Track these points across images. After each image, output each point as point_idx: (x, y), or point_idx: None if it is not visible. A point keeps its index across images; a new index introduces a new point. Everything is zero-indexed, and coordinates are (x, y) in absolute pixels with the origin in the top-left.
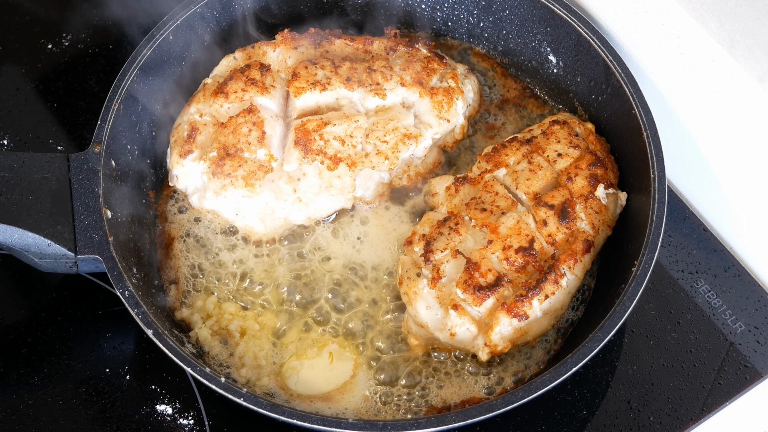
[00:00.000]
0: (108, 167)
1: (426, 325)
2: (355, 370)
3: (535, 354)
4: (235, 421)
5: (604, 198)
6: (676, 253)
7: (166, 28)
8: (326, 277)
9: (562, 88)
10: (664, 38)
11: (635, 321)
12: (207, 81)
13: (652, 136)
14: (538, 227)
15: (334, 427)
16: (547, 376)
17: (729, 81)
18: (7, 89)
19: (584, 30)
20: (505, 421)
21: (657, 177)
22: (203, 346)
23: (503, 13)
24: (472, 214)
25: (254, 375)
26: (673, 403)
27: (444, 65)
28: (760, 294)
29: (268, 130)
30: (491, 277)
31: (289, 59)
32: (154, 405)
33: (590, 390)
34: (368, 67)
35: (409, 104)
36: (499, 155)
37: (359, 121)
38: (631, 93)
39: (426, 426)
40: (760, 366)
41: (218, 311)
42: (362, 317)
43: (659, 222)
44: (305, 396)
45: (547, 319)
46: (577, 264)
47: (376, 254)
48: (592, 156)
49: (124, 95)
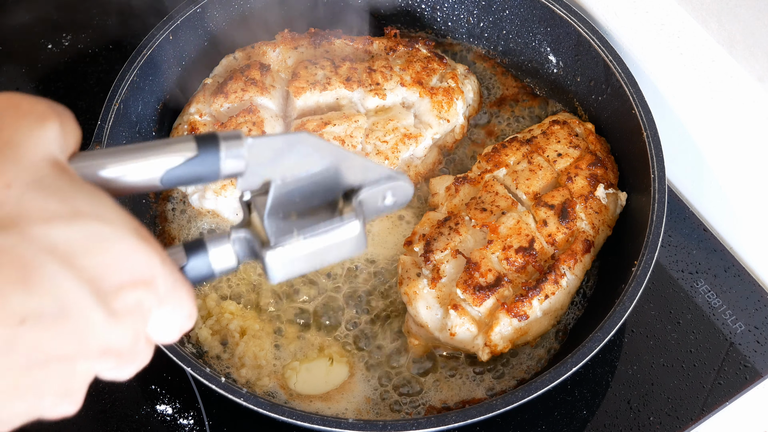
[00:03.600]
0: None
1: (426, 325)
2: (355, 370)
3: (535, 354)
4: (235, 421)
5: (604, 198)
6: (676, 253)
7: (166, 28)
8: (326, 277)
9: (562, 88)
10: (664, 38)
11: (635, 321)
12: (207, 81)
13: (652, 136)
14: (538, 227)
15: (334, 427)
16: (547, 376)
17: (729, 81)
18: (7, 89)
19: (584, 30)
20: (505, 421)
21: (657, 177)
22: (203, 346)
23: (503, 13)
24: (472, 214)
25: (254, 375)
26: (673, 403)
27: (444, 65)
28: (760, 294)
29: (268, 130)
30: (491, 277)
31: (289, 59)
32: (154, 405)
33: (590, 390)
34: (368, 67)
35: (409, 104)
36: (499, 155)
37: (359, 121)
38: (631, 93)
39: (426, 426)
40: (760, 366)
41: (218, 311)
42: (362, 317)
43: (659, 222)
44: (305, 396)
45: (547, 319)
46: (577, 264)
47: (376, 254)
48: (592, 156)
49: (124, 95)
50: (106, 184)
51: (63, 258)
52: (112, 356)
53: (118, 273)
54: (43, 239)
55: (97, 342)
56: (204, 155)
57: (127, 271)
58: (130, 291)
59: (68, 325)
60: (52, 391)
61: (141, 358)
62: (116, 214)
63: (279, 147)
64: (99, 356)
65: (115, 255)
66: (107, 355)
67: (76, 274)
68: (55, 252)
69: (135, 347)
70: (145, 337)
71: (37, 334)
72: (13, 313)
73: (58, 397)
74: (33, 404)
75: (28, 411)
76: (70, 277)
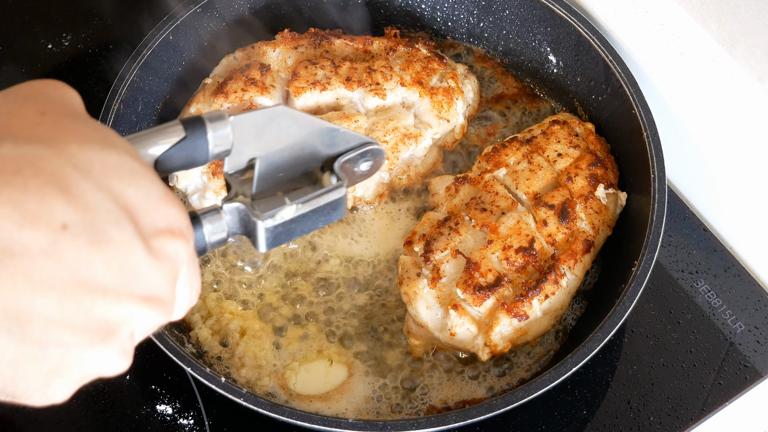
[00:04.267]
0: None
1: (426, 325)
2: (355, 370)
3: (535, 354)
4: (235, 421)
5: (604, 198)
6: (676, 253)
7: (166, 28)
8: (326, 277)
9: (562, 88)
10: (664, 38)
11: (635, 321)
12: (207, 81)
13: (652, 136)
14: (538, 227)
15: (334, 427)
16: (547, 376)
17: (729, 81)
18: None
19: (584, 30)
20: (505, 421)
21: (657, 177)
22: (203, 346)
23: (503, 13)
24: (472, 214)
25: (254, 375)
26: (673, 403)
27: (444, 65)
28: (760, 294)
29: None
30: (491, 277)
31: (289, 59)
32: (154, 405)
33: (590, 390)
34: (368, 67)
35: (409, 104)
36: (499, 155)
37: (359, 121)
38: (631, 93)
39: (426, 426)
40: (760, 366)
41: (218, 311)
42: (362, 317)
43: (659, 222)
44: (305, 396)
45: (547, 319)
46: (577, 264)
47: (376, 254)
48: (592, 156)
49: (124, 95)
50: None
51: (99, 179)
52: (153, 303)
53: (154, 215)
54: (79, 157)
55: (139, 282)
56: (192, 137)
57: (163, 218)
58: (168, 238)
59: (109, 249)
60: (101, 330)
61: (174, 313)
62: (143, 161)
63: (260, 122)
64: (142, 302)
65: (148, 194)
66: (149, 302)
67: (113, 198)
68: (92, 171)
69: (172, 298)
70: (176, 293)
71: (80, 247)
72: (54, 217)
73: (107, 341)
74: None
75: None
76: (107, 198)
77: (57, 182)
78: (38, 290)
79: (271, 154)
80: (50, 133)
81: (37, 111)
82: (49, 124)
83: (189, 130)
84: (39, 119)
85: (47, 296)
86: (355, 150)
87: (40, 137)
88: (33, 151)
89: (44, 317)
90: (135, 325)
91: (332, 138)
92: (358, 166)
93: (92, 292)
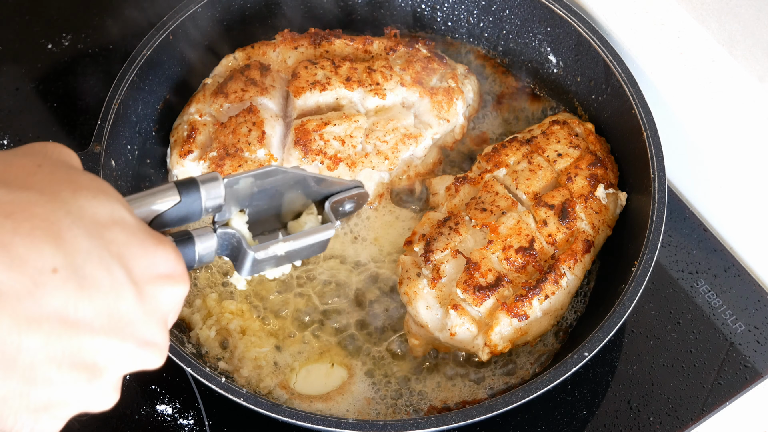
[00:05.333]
0: (108, 167)
1: (426, 325)
2: (355, 370)
3: (536, 354)
4: (235, 421)
5: (604, 198)
6: (676, 253)
7: (166, 28)
8: (326, 277)
9: (562, 88)
10: (664, 38)
11: (635, 321)
12: (207, 81)
13: (652, 136)
14: (538, 227)
15: (335, 427)
16: (547, 376)
17: (729, 81)
18: (7, 89)
19: (584, 30)
20: (505, 421)
21: (657, 177)
22: (203, 346)
23: (503, 13)
24: (472, 214)
25: (254, 375)
26: (673, 403)
27: (444, 65)
28: (760, 294)
29: (268, 130)
30: (491, 277)
31: (289, 59)
32: (154, 405)
33: (590, 390)
34: (368, 67)
35: (409, 104)
36: (499, 155)
37: (359, 121)
38: (631, 93)
39: (426, 426)
40: (760, 366)
41: (218, 311)
42: (362, 317)
43: (659, 222)
44: (305, 396)
45: (547, 319)
46: (577, 264)
47: (376, 254)
48: (592, 156)
49: (124, 95)
50: None
51: (91, 226)
52: (143, 347)
53: (148, 261)
54: (72, 204)
55: (130, 327)
56: (186, 200)
57: (157, 263)
58: (163, 284)
59: (99, 293)
60: (87, 369)
61: (163, 354)
62: (134, 213)
63: (252, 181)
64: (131, 345)
65: (142, 241)
66: (141, 345)
67: (105, 244)
68: (84, 218)
69: (163, 340)
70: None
71: (69, 291)
72: (44, 261)
73: (93, 380)
74: (72, 383)
75: (66, 395)
76: (99, 245)
77: (48, 227)
78: (23, 329)
79: (260, 204)
80: (45, 181)
81: (34, 163)
82: (44, 174)
83: (183, 194)
84: (35, 170)
85: (33, 336)
86: (344, 192)
87: (34, 185)
88: (26, 197)
89: (30, 355)
90: (123, 366)
91: (321, 183)
92: (343, 206)
93: (79, 333)
